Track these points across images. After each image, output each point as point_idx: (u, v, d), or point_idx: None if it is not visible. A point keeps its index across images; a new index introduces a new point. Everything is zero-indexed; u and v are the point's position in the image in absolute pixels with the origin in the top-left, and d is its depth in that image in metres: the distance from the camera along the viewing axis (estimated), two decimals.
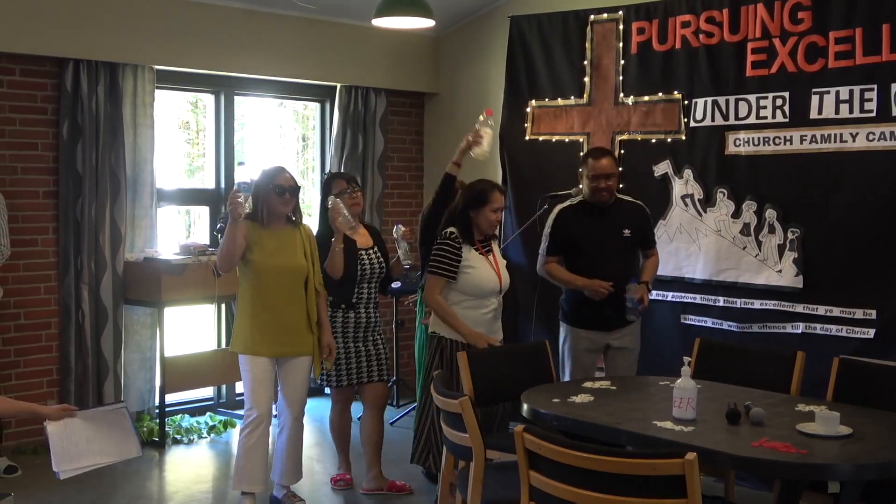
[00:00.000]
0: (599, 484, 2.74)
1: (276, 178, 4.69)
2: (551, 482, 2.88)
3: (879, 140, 4.91)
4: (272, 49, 6.90)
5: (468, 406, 3.55)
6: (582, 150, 6.13)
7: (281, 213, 4.72)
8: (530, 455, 2.94)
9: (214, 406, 6.99)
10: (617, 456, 2.74)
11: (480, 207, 4.72)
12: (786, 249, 5.23)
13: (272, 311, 4.68)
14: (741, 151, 5.43)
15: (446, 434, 3.84)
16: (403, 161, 7.99)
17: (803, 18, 5.16)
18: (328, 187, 5.21)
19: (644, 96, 5.86)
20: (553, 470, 2.87)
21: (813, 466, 3.10)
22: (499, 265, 4.83)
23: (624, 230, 4.99)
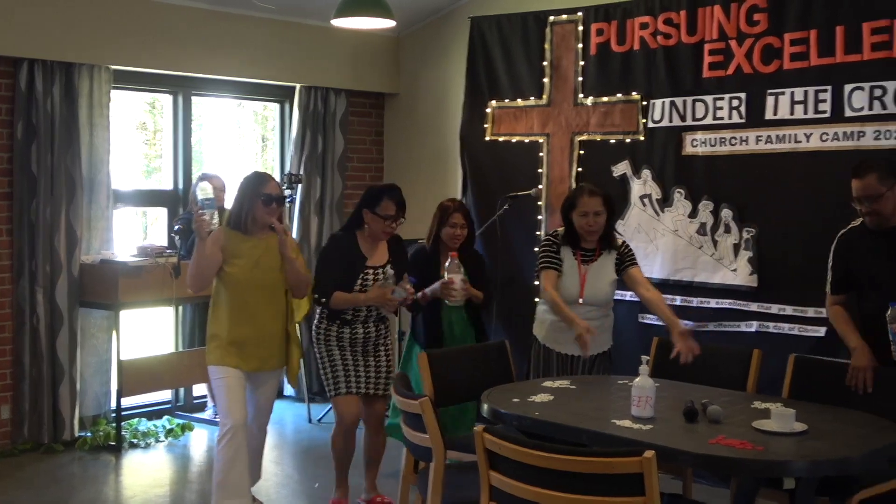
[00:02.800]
0: (559, 483, 2.75)
1: (264, 187, 4.47)
2: (511, 482, 2.88)
3: (833, 140, 4.98)
4: (230, 49, 6.85)
5: (428, 407, 3.54)
6: (542, 150, 6.16)
7: (266, 223, 4.48)
8: (490, 455, 2.94)
9: (172, 409, 6.92)
10: (576, 455, 2.75)
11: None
12: (741, 249, 5.29)
13: (251, 326, 4.49)
14: (698, 152, 5.48)
15: (406, 435, 3.83)
16: (363, 162, 7.96)
17: (759, 20, 5.23)
18: (371, 202, 4.71)
19: (603, 97, 5.90)
20: (513, 469, 2.87)
21: (769, 463, 3.13)
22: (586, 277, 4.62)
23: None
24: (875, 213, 4.00)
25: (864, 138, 4.86)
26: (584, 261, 4.64)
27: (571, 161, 6.04)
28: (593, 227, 4.58)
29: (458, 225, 5.01)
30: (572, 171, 6.03)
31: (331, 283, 4.63)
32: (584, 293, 4.60)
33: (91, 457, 5.97)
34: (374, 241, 4.73)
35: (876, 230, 4.06)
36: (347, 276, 4.64)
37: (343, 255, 4.68)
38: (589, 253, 4.66)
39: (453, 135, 6.82)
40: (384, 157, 8.08)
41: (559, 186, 6.07)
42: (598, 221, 4.58)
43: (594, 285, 4.61)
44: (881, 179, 3.95)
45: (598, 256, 4.66)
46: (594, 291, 4.61)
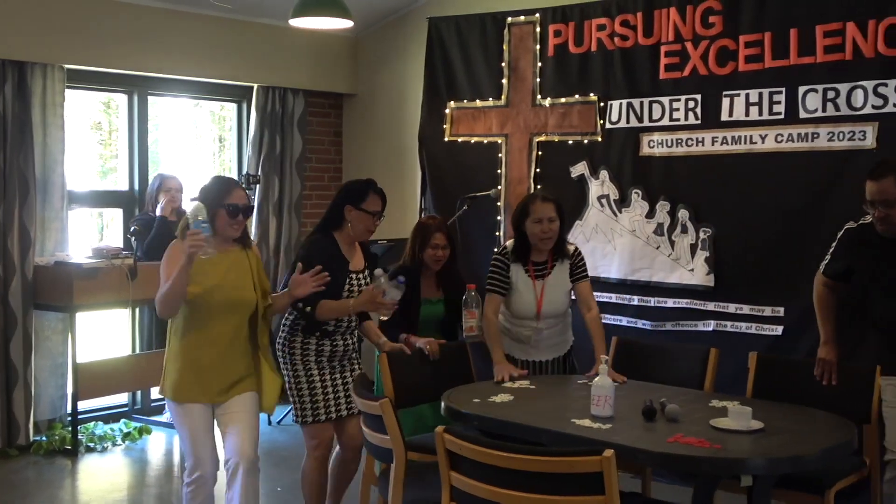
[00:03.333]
0: (520, 483, 2.76)
1: (229, 196, 3.85)
2: (472, 482, 2.88)
3: (787, 141, 5.04)
4: (187, 48, 6.79)
5: (388, 408, 3.54)
6: (500, 151, 6.17)
7: (230, 236, 3.89)
8: (451, 455, 2.94)
9: (129, 412, 6.85)
10: (536, 454, 2.76)
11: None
12: (698, 249, 5.35)
13: (214, 353, 3.85)
14: (655, 153, 5.53)
15: (367, 436, 3.83)
16: (322, 162, 7.94)
17: (714, 23, 5.28)
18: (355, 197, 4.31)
19: (561, 98, 5.93)
20: (474, 470, 2.87)
21: (726, 461, 3.17)
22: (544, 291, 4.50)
23: None
24: (887, 219, 3.81)
25: (819, 140, 4.93)
26: (537, 276, 4.50)
27: (530, 162, 6.07)
28: (548, 233, 4.41)
29: (440, 246, 4.70)
30: (531, 171, 6.06)
31: (318, 291, 4.09)
32: (542, 310, 4.48)
33: (46, 461, 5.89)
34: (351, 242, 4.31)
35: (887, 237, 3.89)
36: (334, 282, 4.12)
37: (327, 259, 4.16)
38: (541, 266, 4.51)
39: (412, 135, 6.82)
40: (343, 157, 8.06)
41: (518, 187, 6.09)
42: (552, 228, 4.41)
43: (551, 300, 4.49)
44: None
45: (552, 268, 4.52)
46: (552, 306, 4.51)
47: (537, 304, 4.47)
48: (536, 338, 4.52)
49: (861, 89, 4.80)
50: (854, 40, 4.81)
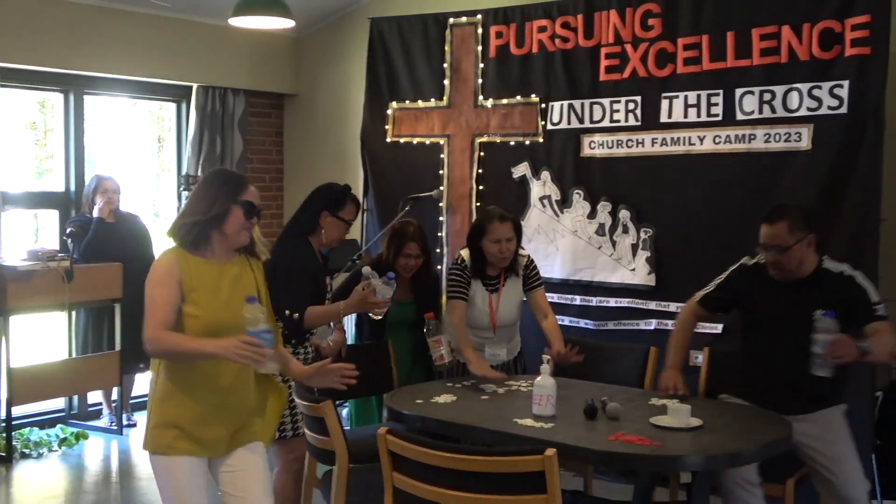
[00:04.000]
0: (463, 483, 2.75)
1: (243, 192, 3.12)
2: (415, 483, 2.87)
3: (725, 143, 5.12)
4: (125, 47, 6.69)
5: (331, 409, 3.52)
6: (443, 152, 6.17)
7: (241, 243, 3.17)
8: (393, 456, 2.93)
9: (65, 417, 6.72)
10: (479, 454, 2.75)
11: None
12: (639, 248, 5.40)
13: (215, 393, 3.09)
14: (596, 154, 5.57)
15: (309, 439, 3.79)
16: (263, 163, 7.87)
17: (653, 25, 5.34)
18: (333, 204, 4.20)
19: (503, 99, 5.95)
20: (416, 471, 2.86)
21: (665, 458, 3.20)
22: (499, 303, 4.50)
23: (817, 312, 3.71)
24: (779, 265, 3.81)
25: (755, 141, 5.01)
26: (491, 290, 4.52)
27: (472, 162, 6.08)
28: (505, 254, 4.42)
29: (413, 255, 4.65)
30: (473, 172, 6.06)
31: (306, 297, 3.97)
32: (497, 322, 4.51)
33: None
34: (319, 246, 4.24)
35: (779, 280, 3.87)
36: (320, 288, 4.05)
37: (317, 267, 4.10)
38: (494, 279, 4.52)
39: (354, 136, 6.79)
40: (284, 157, 8.01)
41: (460, 187, 6.10)
42: (509, 248, 4.42)
43: (505, 313, 4.52)
44: (791, 230, 3.76)
45: (505, 282, 4.53)
46: (506, 318, 4.54)
47: (491, 318, 4.51)
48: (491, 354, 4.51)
49: (796, 91, 4.88)
50: (789, 43, 4.89)
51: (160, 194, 8.02)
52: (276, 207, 7.98)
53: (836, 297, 3.74)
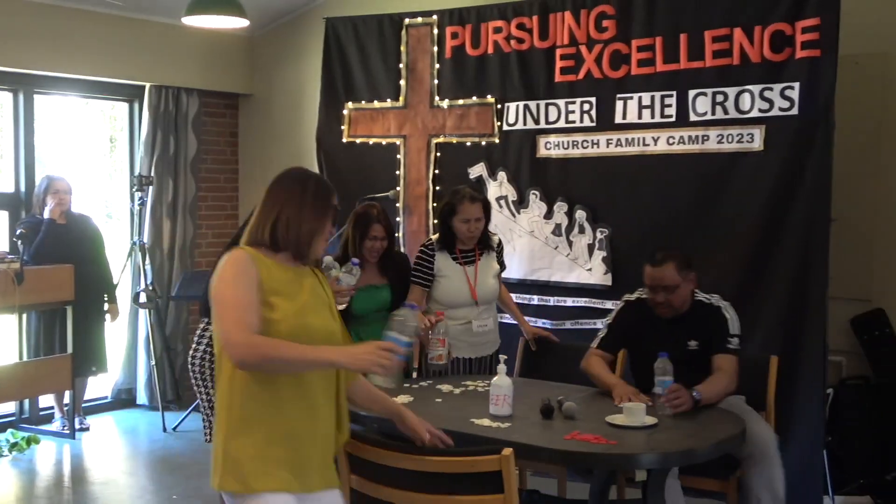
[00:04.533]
0: (420, 484, 2.74)
1: (333, 197, 2.94)
2: (372, 485, 2.86)
3: (679, 144, 5.16)
4: (76, 46, 6.60)
5: None
6: (399, 152, 6.16)
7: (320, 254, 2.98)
8: (350, 458, 2.91)
9: (16, 422, 6.62)
10: (435, 455, 2.75)
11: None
12: (595, 249, 5.43)
13: (308, 409, 2.69)
14: (552, 154, 5.60)
15: None
16: (217, 163, 7.81)
17: (608, 27, 5.37)
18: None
19: (459, 100, 5.95)
20: (373, 472, 2.85)
21: (621, 457, 3.23)
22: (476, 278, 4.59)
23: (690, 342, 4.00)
24: (668, 304, 3.98)
25: (709, 142, 5.06)
26: (466, 262, 4.64)
27: (428, 163, 6.08)
28: (474, 233, 4.59)
29: (378, 237, 4.60)
30: (429, 172, 6.06)
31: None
32: (478, 293, 4.60)
33: None
34: None
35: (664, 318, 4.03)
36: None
37: None
38: (468, 253, 4.67)
39: (310, 136, 6.76)
40: (239, 158, 7.95)
41: (416, 188, 6.09)
42: (478, 227, 4.58)
43: (484, 282, 4.64)
44: (679, 269, 3.96)
45: (480, 256, 4.68)
46: (485, 289, 4.63)
47: (471, 289, 4.59)
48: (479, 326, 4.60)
49: (748, 93, 4.94)
50: (741, 45, 4.94)
51: (113, 195, 7.92)
52: (230, 209, 7.93)
53: (706, 326, 3.97)
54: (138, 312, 7.20)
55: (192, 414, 6.84)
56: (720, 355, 3.90)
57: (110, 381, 7.35)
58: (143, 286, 6.89)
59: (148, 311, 7.00)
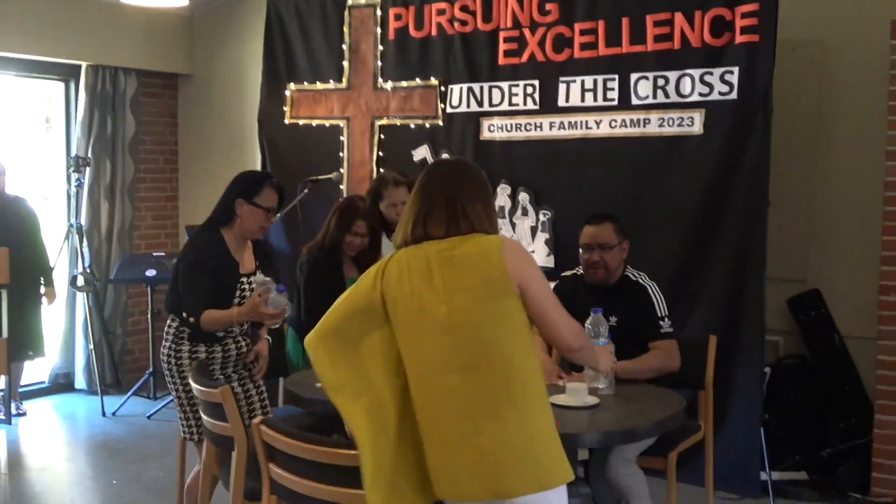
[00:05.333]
0: (333, 477, 2.67)
1: None
2: (288, 475, 2.79)
3: (621, 127, 5.21)
4: (10, 23, 6.43)
5: (229, 395, 3.44)
6: (342, 134, 6.13)
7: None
8: (268, 447, 2.87)
9: None
10: (348, 448, 2.68)
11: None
12: (538, 231, 5.46)
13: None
14: (495, 137, 5.61)
15: (207, 425, 3.70)
16: (156, 144, 7.69)
17: (551, 10, 5.39)
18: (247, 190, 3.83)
19: (402, 82, 5.93)
20: (289, 463, 2.78)
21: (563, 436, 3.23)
22: None
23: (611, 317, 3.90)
24: (603, 264, 3.99)
25: (650, 125, 5.12)
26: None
27: (372, 145, 6.05)
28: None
29: (360, 234, 4.42)
30: (373, 155, 6.04)
31: (204, 298, 3.70)
32: None
33: None
34: (241, 240, 3.87)
35: (591, 285, 4.05)
36: (224, 289, 3.75)
37: (218, 261, 3.77)
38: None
39: (251, 117, 6.69)
40: (178, 139, 7.84)
41: (360, 170, 6.07)
42: None
43: None
44: (616, 231, 4.01)
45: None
46: None
47: None
48: None
49: (689, 77, 5.00)
50: (682, 30, 5.00)
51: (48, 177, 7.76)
52: (170, 190, 7.82)
53: (633, 303, 3.97)
54: (76, 296, 7.07)
55: (132, 398, 6.76)
56: (657, 342, 3.92)
57: (47, 365, 7.23)
58: (81, 269, 6.78)
59: (86, 294, 6.89)
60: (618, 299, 4.00)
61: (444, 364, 2.57)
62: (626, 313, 3.95)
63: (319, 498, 2.70)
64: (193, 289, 3.74)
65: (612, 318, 3.93)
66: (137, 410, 6.64)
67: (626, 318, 3.95)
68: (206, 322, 3.68)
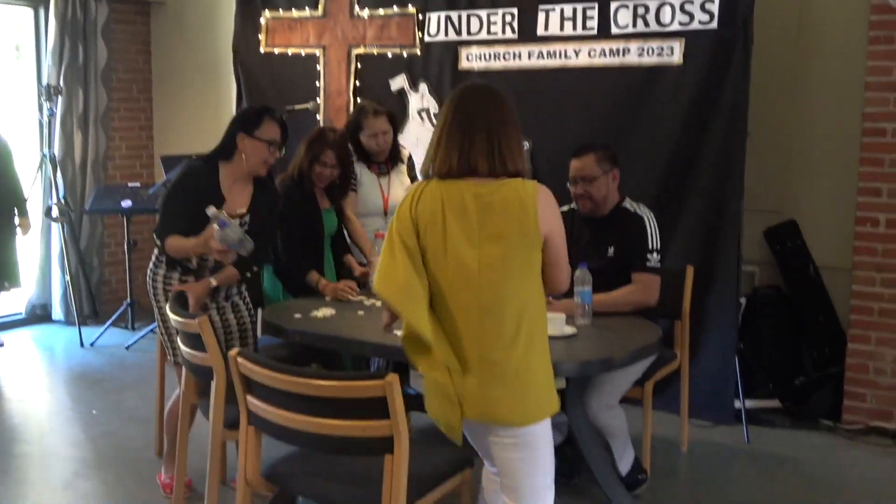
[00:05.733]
0: (309, 407, 2.69)
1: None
2: (265, 406, 2.80)
3: (600, 57, 5.17)
4: None
5: (207, 325, 3.43)
6: (319, 63, 6.05)
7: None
8: (245, 379, 2.87)
9: None
10: (321, 379, 2.69)
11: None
12: None
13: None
14: (474, 66, 5.55)
15: (185, 355, 3.70)
16: (129, 73, 7.56)
17: None
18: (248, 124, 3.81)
19: (379, 9, 5.84)
20: (266, 394, 2.79)
21: None
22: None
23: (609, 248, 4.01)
24: (588, 196, 4.01)
25: (629, 55, 5.07)
26: (381, 173, 4.76)
27: (349, 74, 5.98)
28: (382, 146, 4.69)
29: (329, 164, 4.33)
30: (350, 84, 5.97)
31: (173, 224, 3.71)
32: (389, 205, 4.69)
33: None
34: (242, 177, 3.82)
35: (586, 217, 4.08)
36: (197, 219, 3.62)
37: (193, 191, 3.73)
38: (382, 164, 4.78)
39: (226, 46, 6.58)
40: (152, 68, 7.71)
41: (337, 100, 6.00)
42: (386, 141, 4.70)
43: (396, 194, 4.71)
44: (599, 162, 4.00)
45: (391, 169, 4.80)
46: (397, 200, 4.58)
47: (384, 200, 4.70)
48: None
49: (669, 6, 4.95)
50: None
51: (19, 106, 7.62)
52: (144, 120, 7.72)
53: (626, 234, 3.98)
54: (51, 227, 7.02)
55: (110, 329, 6.75)
56: (637, 274, 3.93)
57: (24, 296, 7.19)
58: (55, 200, 6.71)
59: (61, 225, 6.83)
60: (613, 230, 4.02)
61: (464, 303, 2.63)
62: (621, 244, 3.97)
63: (297, 429, 2.73)
64: (166, 212, 3.78)
65: (609, 248, 3.97)
66: (116, 341, 6.64)
67: (623, 248, 3.97)
68: (169, 247, 3.71)
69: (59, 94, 6.70)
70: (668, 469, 4.39)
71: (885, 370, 4.80)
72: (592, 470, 3.75)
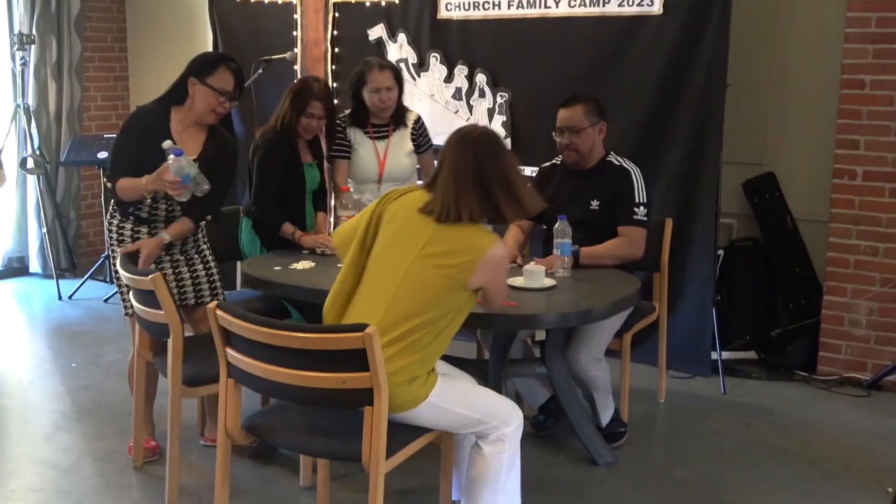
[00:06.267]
0: (287, 360, 2.68)
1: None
2: (245, 358, 2.79)
3: (580, 6, 5.11)
4: None
5: (161, 282, 3.35)
6: (296, 12, 5.97)
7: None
8: (224, 331, 2.86)
9: None
10: (299, 331, 2.68)
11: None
12: (495, 113, 5.42)
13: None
14: (453, 16, 5.50)
15: (139, 312, 3.62)
16: (104, 22, 7.45)
17: None
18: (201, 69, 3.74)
19: None
20: (245, 347, 2.78)
21: (521, 317, 3.30)
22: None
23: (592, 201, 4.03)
24: (573, 147, 4.00)
25: (609, 5, 5.02)
26: (378, 137, 4.54)
27: (327, 24, 5.90)
28: (386, 103, 4.45)
29: (316, 115, 4.26)
30: (328, 34, 5.90)
31: (122, 166, 3.64)
32: (385, 171, 4.52)
33: None
34: (192, 122, 3.75)
35: (570, 169, 4.09)
36: (151, 163, 3.55)
37: (144, 133, 3.66)
38: (382, 128, 4.55)
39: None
40: (126, 16, 7.59)
41: (315, 50, 5.92)
42: (390, 97, 4.44)
43: (394, 162, 4.54)
44: (587, 114, 3.98)
45: (392, 132, 4.56)
46: (395, 169, 4.53)
47: (380, 165, 4.52)
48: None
49: None
50: None
51: None
52: (119, 70, 7.62)
53: (611, 188, 3.98)
54: (26, 178, 6.94)
55: (88, 282, 6.72)
56: (624, 227, 3.93)
57: (0, 249, 7.14)
58: (30, 151, 6.63)
59: (36, 177, 6.76)
60: (598, 183, 4.01)
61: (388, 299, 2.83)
62: (606, 197, 3.97)
63: (277, 381, 2.73)
64: (116, 153, 3.75)
65: (593, 201, 3.97)
66: (94, 294, 6.61)
67: (608, 201, 3.97)
68: (120, 189, 3.64)
69: (31, 43, 6.59)
70: (646, 420, 4.44)
71: (860, 322, 4.86)
72: (572, 422, 3.80)
